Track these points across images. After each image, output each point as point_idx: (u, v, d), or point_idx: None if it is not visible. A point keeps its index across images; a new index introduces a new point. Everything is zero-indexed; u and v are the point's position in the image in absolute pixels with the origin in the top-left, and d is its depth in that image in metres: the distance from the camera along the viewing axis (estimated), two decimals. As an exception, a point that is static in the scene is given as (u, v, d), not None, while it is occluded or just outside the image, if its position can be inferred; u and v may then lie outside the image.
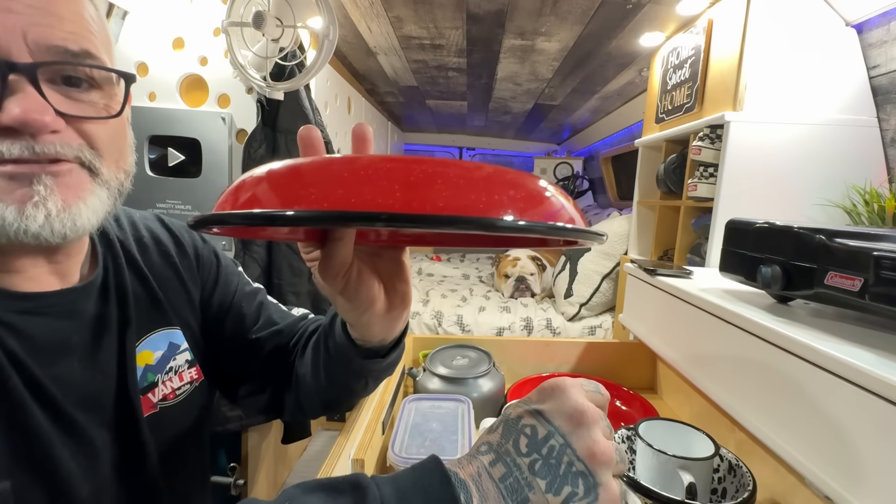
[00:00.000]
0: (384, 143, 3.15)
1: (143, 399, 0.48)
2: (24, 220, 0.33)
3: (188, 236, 0.59)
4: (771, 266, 0.61)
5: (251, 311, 0.61)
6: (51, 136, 0.34)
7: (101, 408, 0.44)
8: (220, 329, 0.59)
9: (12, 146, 0.32)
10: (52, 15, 0.34)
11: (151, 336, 0.51)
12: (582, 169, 3.76)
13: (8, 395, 0.36)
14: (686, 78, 1.41)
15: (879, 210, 0.94)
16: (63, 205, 0.35)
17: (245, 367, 0.60)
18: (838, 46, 1.12)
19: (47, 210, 0.34)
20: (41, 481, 0.37)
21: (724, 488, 0.61)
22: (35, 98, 0.33)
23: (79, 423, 0.41)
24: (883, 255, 0.46)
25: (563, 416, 0.31)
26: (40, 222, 0.34)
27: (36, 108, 0.32)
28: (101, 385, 0.44)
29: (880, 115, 1.12)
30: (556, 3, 1.39)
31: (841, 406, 0.47)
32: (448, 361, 0.92)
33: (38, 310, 0.40)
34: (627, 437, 0.68)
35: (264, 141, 1.28)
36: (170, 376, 0.51)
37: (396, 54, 1.97)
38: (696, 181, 1.27)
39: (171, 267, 0.55)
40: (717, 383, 0.69)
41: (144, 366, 0.49)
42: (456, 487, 0.28)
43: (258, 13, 1.11)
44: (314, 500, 0.28)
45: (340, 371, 0.50)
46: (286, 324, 0.61)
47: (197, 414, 0.55)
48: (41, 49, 0.33)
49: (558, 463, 0.30)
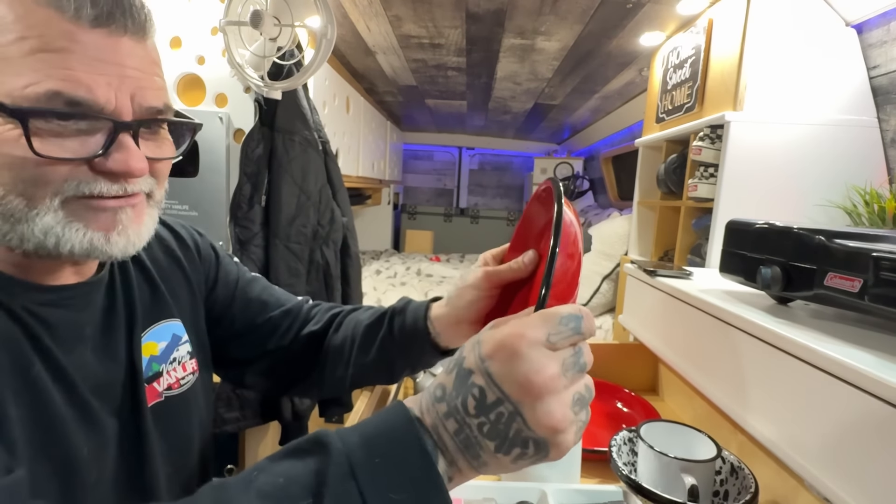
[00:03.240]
0: (383, 142, 3.15)
1: (149, 388, 0.50)
2: (110, 246, 0.40)
3: (186, 232, 0.62)
4: (771, 267, 0.60)
5: (256, 295, 0.65)
6: (135, 179, 0.40)
7: (112, 396, 0.46)
8: (229, 315, 0.63)
9: (112, 187, 0.39)
10: (151, 78, 0.40)
11: (155, 327, 0.53)
12: (582, 169, 3.76)
13: (33, 383, 0.39)
14: (686, 78, 1.41)
15: (880, 210, 0.93)
16: (136, 230, 0.42)
17: (256, 348, 0.64)
18: (838, 46, 1.12)
19: (128, 236, 0.41)
20: (55, 467, 0.39)
21: (726, 490, 0.61)
22: (136, 151, 0.39)
23: (93, 410, 0.43)
24: (882, 257, 0.46)
25: (515, 384, 0.30)
26: (121, 247, 0.40)
27: (137, 158, 0.39)
28: (112, 373, 0.47)
29: (880, 115, 1.12)
30: (556, 3, 1.39)
31: (841, 408, 0.46)
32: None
33: (59, 302, 0.43)
34: (629, 439, 0.67)
35: (262, 141, 1.28)
36: (174, 366, 0.54)
37: (395, 53, 1.97)
38: (697, 181, 1.27)
39: (174, 261, 0.58)
40: (717, 384, 0.69)
41: (149, 356, 0.51)
42: (419, 429, 0.31)
43: (256, 12, 1.11)
44: (282, 466, 0.30)
45: (396, 350, 0.58)
46: (293, 304, 0.67)
47: (199, 406, 0.57)
48: (142, 109, 0.39)
49: (507, 429, 0.30)
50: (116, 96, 0.37)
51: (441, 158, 4.75)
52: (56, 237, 0.37)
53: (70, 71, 0.34)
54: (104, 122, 0.37)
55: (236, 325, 0.63)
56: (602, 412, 0.92)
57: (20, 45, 0.33)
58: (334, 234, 1.41)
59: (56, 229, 0.37)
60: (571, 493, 0.63)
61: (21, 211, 0.36)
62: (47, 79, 0.34)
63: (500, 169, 4.74)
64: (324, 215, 1.38)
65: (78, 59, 0.35)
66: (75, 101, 0.35)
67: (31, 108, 0.34)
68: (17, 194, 0.36)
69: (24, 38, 0.33)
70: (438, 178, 4.76)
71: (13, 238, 0.37)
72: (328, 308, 0.68)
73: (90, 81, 0.35)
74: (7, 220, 0.36)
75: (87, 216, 0.38)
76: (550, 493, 0.63)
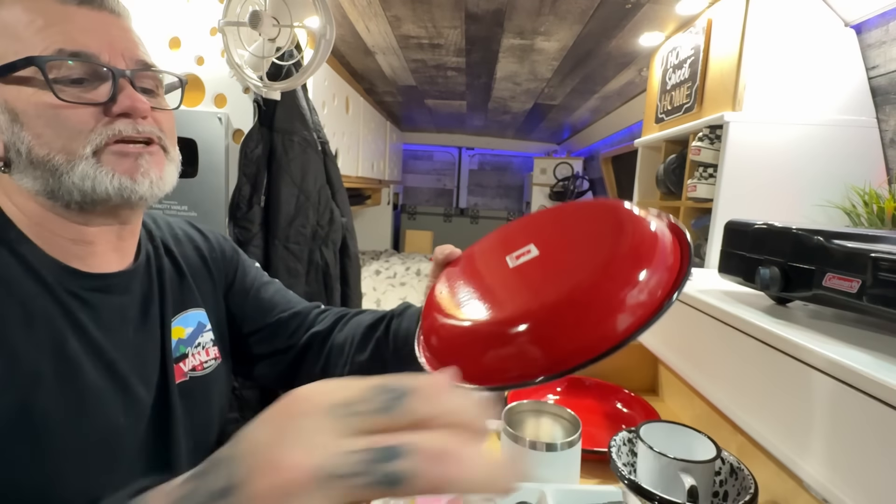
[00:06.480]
0: (383, 143, 3.15)
1: (176, 367, 0.56)
2: (137, 186, 0.47)
3: (213, 236, 0.70)
4: (769, 267, 0.60)
5: (270, 296, 0.71)
6: (143, 120, 0.48)
7: (149, 371, 0.53)
8: (243, 313, 0.69)
9: (125, 126, 0.47)
10: (133, 39, 0.50)
11: (184, 314, 0.60)
12: (582, 169, 3.76)
13: (66, 356, 0.45)
14: (685, 78, 1.41)
15: (879, 211, 0.93)
16: (158, 175, 0.50)
17: (267, 345, 0.69)
18: (837, 47, 1.12)
19: (150, 179, 0.49)
20: (92, 434, 0.45)
21: (726, 491, 0.61)
22: (137, 94, 0.48)
23: (131, 384, 0.49)
24: (881, 257, 0.46)
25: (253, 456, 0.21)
26: (147, 187, 0.48)
27: (139, 99, 0.48)
28: (149, 352, 0.53)
29: (879, 115, 1.12)
30: (556, 3, 1.39)
31: (839, 409, 0.46)
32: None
33: (104, 287, 0.50)
34: (628, 439, 0.67)
35: (261, 141, 1.28)
36: (198, 350, 0.60)
37: (395, 54, 1.97)
38: (696, 181, 1.27)
39: (200, 258, 0.65)
40: (716, 385, 0.69)
41: (177, 339, 0.58)
42: None
43: (255, 12, 1.11)
44: None
45: (390, 353, 0.61)
46: (303, 307, 0.72)
47: (220, 391, 0.63)
48: (133, 62, 0.49)
49: None
50: (109, 51, 0.47)
51: (441, 158, 4.75)
52: (91, 181, 0.45)
53: (69, 35, 0.45)
54: (105, 72, 0.46)
55: (248, 321, 0.68)
56: (602, 412, 0.92)
57: (30, 27, 0.44)
58: (333, 234, 1.41)
59: (90, 173, 0.45)
60: (571, 494, 0.63)
61: (63, 166, 0.45)
62: (53, 43, 0.44)
63: (499, 169, 4.74)
64: (323, 216, 1.38)
65: (73, 27, 0.45)
66: (76, 53, 0.45)
67: (47, 57, 0.44)
68: (57, 151, 0.45)
69: (32, 21, 0.44)
70: (438, 178, 4.76)
71: (60, 189, 0.45)
72: (337, 311, 0.72)
73: (85, 39, 0.46)
74: (54, 174, 0.45)
75: (114, 161, 0.47)
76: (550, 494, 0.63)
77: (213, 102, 1.35)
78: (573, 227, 0.45)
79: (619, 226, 0.39)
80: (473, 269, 0.48)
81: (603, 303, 0.34)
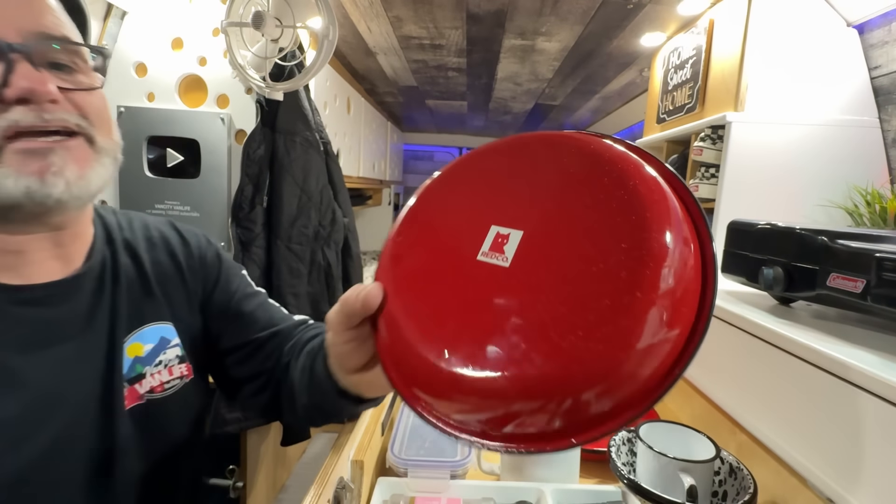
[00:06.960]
0: (384, 143, 3.15)
1: (130, 389, 0.49)
2: (48, 188, 0.39)
3: (195, 239, 0.61)
4: (773, 267, 0.60)
5: (250, 311, 0.61)
6: (52, 105, 0.39)
7: (82, 392, 0.45)
8: (221, 328, 0.60)
9: (25, 114, 0.38)
10: (32, 8, 0.40)
11: (143, 329, 0.52)
12: (582, 169, 3.75)
13: None
14: (687, 78, 1.41)
15: (881, 211, 0.93)
16: (79, 173, 0.41)
17: (245, 368, 0.60)
18: (839, 47, 1.12)
19: (66, 178, 0.40)
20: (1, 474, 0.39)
21: (725, 491, 0.61)
22: (36, 73, 0.39)
23: (55, 412, 0.43)
24: (885, 257, 0.46)
25: None
26: (61, 189, 0.40)
27: (39, 79, 0.38)
28: (85, 371, 0.46)
29: (882, 115, 1.11)
30: (557, 3, 1.39)
31: (842, 407, 0.46)
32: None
33: (33, 300, 0.43)
34: (628, 439, 0.67)
35: (263, 141, 1.28)
36: (158, 369, 0.53)
37: (396, 54, 1.97)
38: (698, 182, 1.27)
39: (175, 265, 0.57)
40: (719, 385, 0.68)
41: (134, 357, 0.50)
42: None
43: (257, 13, 1.11)
44: None
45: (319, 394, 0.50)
46: (285, 326, 0.61)
47: (189, 413, 0.56)
48: (31, 35, 0.39)
49: None
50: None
51: (441, 159, 4.75)
52: None
53: None
54: None
55: (225, 336, 0.60)
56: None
57: None
58: (336, 234, 1.41)
59: None
60: (570, 493, 0.64)
61: None
62: None
63: (500, 169, 4.74)
64: (325, 216, 1.38)
65: None
66: None
67: None
68: None
69: None
70: (439, 178, 4.76)
71: None
72: (312, 336, 0.59)
73: None
74: None
75: (16, 161, 0.38)
76: (549, 493, 0.63)
77: (215, 103, 1.35)
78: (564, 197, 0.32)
79: (641, 225, 0.28)
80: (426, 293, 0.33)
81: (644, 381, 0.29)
